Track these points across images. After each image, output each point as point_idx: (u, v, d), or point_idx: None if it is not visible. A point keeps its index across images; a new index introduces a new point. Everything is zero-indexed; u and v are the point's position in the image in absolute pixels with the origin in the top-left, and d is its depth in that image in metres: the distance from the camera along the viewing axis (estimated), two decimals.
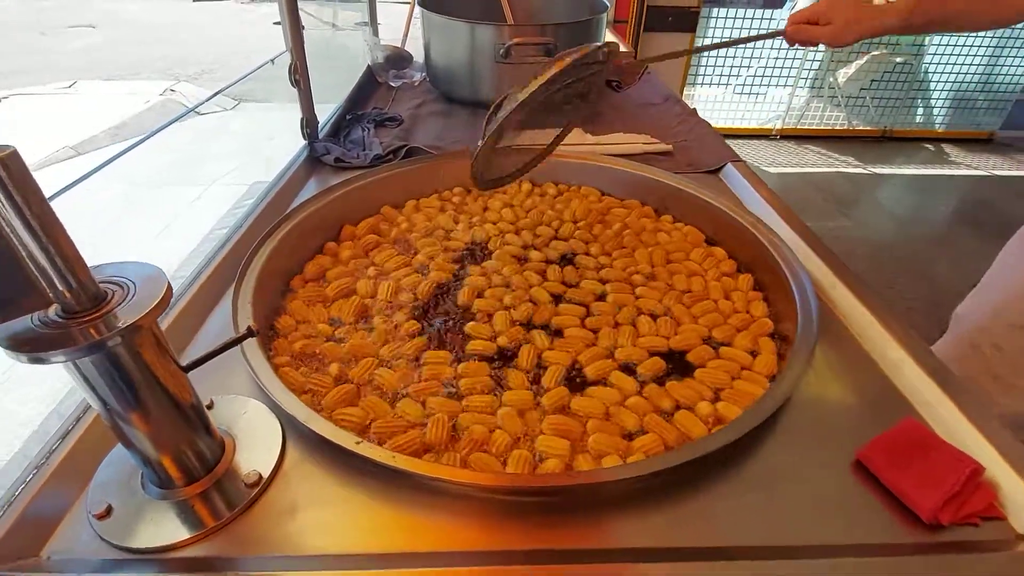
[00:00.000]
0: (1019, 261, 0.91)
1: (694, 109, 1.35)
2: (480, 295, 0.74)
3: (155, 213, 2.94)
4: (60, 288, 0.35)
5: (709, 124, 1.27)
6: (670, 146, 1.14)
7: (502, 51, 1.23)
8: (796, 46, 0.92)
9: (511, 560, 0.43)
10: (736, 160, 1.06)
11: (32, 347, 0.34)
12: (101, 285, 0.37)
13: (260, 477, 0.48)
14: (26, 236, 0.32)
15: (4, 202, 0.31)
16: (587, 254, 0.84)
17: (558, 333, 0.69)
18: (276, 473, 0.49)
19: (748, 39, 0.93)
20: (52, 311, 0.36)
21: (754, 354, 0.65)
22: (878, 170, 3.33)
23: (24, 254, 0.33)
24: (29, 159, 0.30)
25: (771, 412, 0.52)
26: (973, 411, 0.53)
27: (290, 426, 0.53)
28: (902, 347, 0.60)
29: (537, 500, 0.48)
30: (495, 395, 0.59)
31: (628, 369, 0.64)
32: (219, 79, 5.22)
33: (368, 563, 0.42)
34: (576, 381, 0.62)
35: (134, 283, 0.38)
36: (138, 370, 0.39)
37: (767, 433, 0.54)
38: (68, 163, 3.31)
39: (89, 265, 0.36)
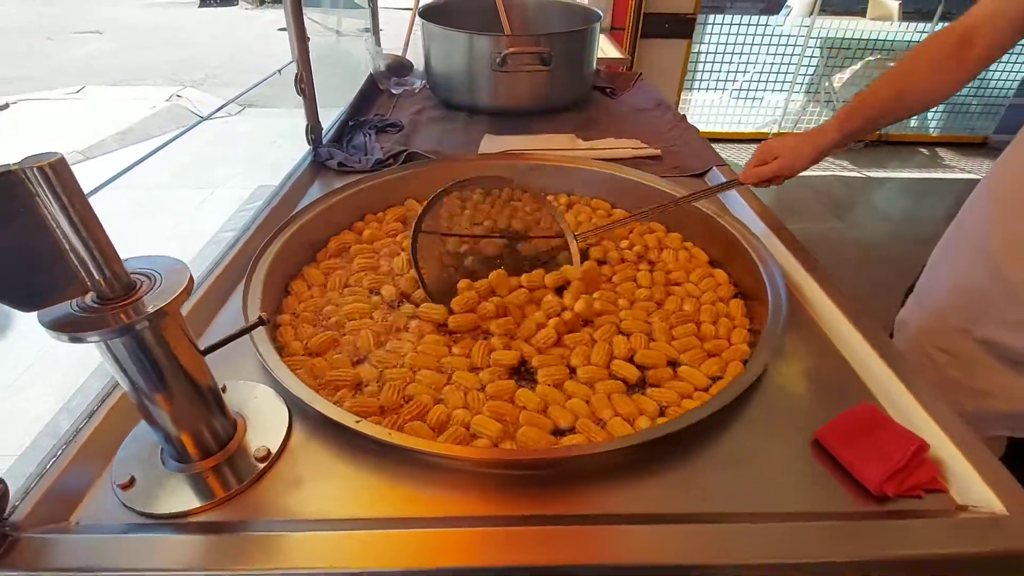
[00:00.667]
0: (950, 266, 0.91)
1: (683, 115, 1.39)
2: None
3: (163, 215, 3.00)
4: (97, 278, 0.40)
5: (697, 129, 1.32)
6: (658, 150, 1.19)
7: (498, 60, 1.29)
8: (754, 185, 0.93)
9: (499, 523, 0.48)
10: (721, 164, 1.11)
11: (72, 328, 0.39)
12: (132, 275, 0.42)
13: (268, 452, 0.52)
14: (70, 232, 0.37)
15: (52, 202, 0.36)
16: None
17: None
18: (283, 450, 0.54)
19: (708, 191, 0.92)
20: (88, 298, 0.41)
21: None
22: (873, 174, 3.38)
23: (67, 247, 0.38)
24: None
25: (736, 395, 0.56)
26: (923, 395, 0.57)
27: (296, 408, 0.57)
28: (864, 338, 0.65)
29: (525, 473, 0.53)
30: (444, 372, 0.65)
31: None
32: (224, 84, 5.30)
33: (365, 526, 0.47)
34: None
35: (160, 274, 0.43)
36: (162, 352, 0.44)
37: (738, 415, 0.59)
38: (77, 167, 3.36)
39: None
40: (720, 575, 0.46)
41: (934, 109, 3.66)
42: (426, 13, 1.45)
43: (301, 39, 1.02)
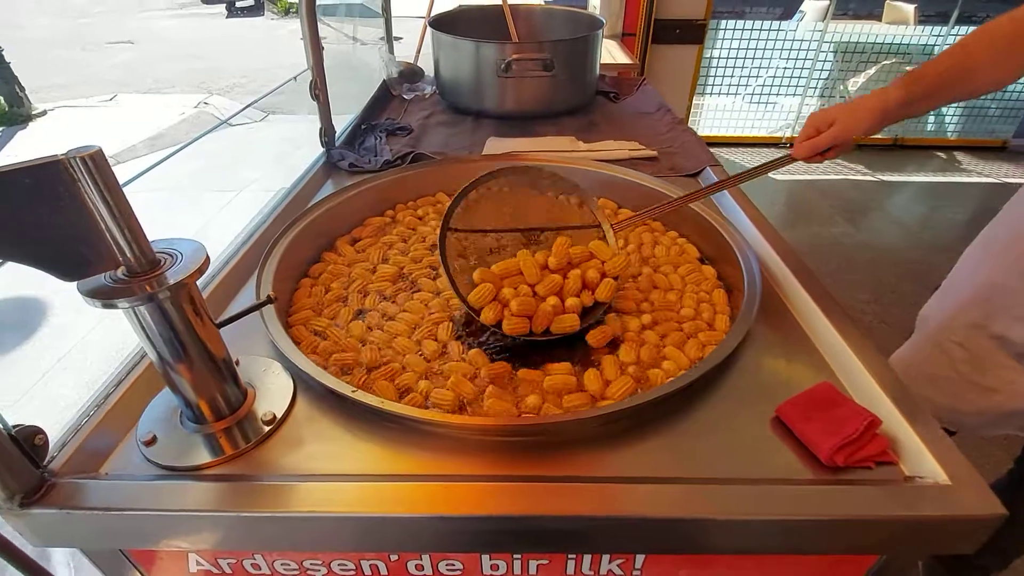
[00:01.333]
0: (979, 264, 0.93)
1: (682, 118, 1.44)
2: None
3: (190, 216, 3.13)
4: (127, 254, 0.46)
5: (695, 132, 1.36)
6: (655, 152, 1.23)
7: (503, 66, 1.35)
8: (808, 160, 0.86)
9: (486, 480, 0.53)
10: (715, 164, 1.15)
11: (104, 296, 0.45)
12: (157, 254, 0.48)
13: (274, 416, 0.58)
14: (106, 213, 0.44)
15: (92, 188, 0.42)
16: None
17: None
18: (287, 416, 0.60)
19: (762, 170, 0.85)
20: (120, 271, 0.47)
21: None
22: (888, 178, 3.35)
23: (103, 227, 0.44)
24: None
25: (704, 371, 0.61)
26: (883, 377, 0.61)
27: (300, 380, 0.64)
28: (831, 323, 0.69)
29: (510, 440, 0.58)
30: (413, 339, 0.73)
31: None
32: (250, 92, 5.49)
33: (359, 479, 0.53)
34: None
35: (182, 254, 0.49)
36: (181, 321, 0.50)
37: (711, 390, 0.64)
38: None
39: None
40: (696, 528, 0.50)
41: (951, 111, 3.63)
42: (436, 23, 1.52)
43: (315, 48, 1.09)
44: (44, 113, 4.71)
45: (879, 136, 3.71)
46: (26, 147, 4.06)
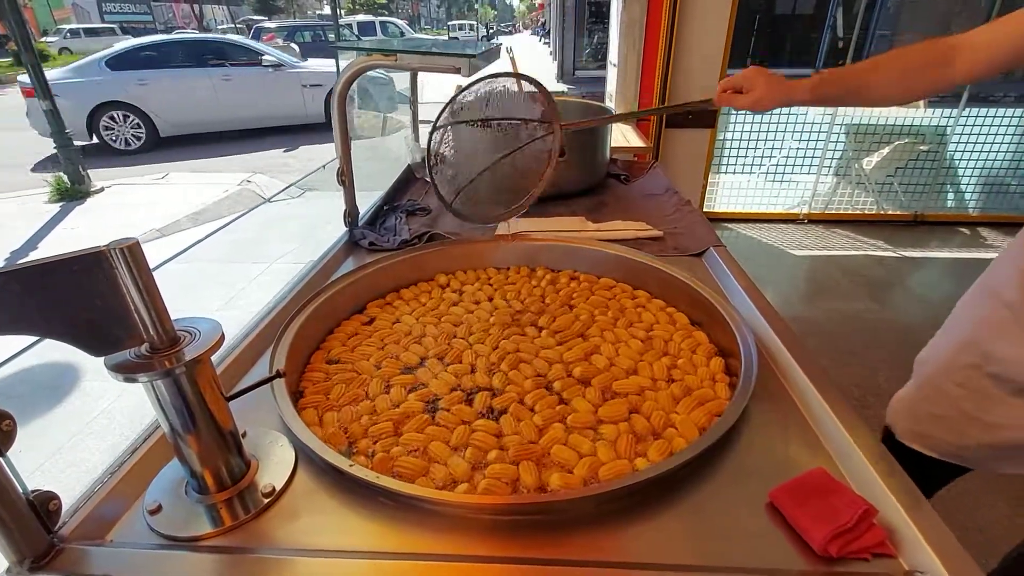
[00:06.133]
0: (972, 310, 0.96)
1: (688, 200, 1.49)
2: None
3: (223, 285, 3.29)
4: (152, 332, 0.51)
5: (701, 213, 1.41)
6: (661, 232, 1.28)
7: None
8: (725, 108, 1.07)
9: (480, 560, 0.53)
10: (718, 245, 1.19)
11: (127, 371, 0.50)
12: (178, 331, 0.53)
13: (273, 489, 0.61)
14: (136, 297, 0.49)
15: (127, 275, 0.48)
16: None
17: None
18: (287, 488, 0.62)
19: (678, 107, 1.10)
20: (143, 347, 0.52)
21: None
22: (910, 254, 3.33)
23: (133, 308, 0.50)
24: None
25: (699, 451, 0.61)
26: (880, 463, 0.60)
27: (301, 453, 0.66)
28: (827, 405, 0.69)
29: (505, 519, 0.59)
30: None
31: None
32: (292, 171, 5.88)
33: (352, 555, 0.54)
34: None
35: (199, 331, 0.54)
36: (193, 394, 0.54)
37: (705, 471, 0.63)
38: (153, 243, 3.79)
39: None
40: None
41: (970, 189, 3.64)
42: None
43: (344, 140, 1.20)
44: (102, 190, 5.12)
45: (897, 212, 3.72)
46: (82, 221, 4.39)
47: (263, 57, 7.26)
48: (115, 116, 6.56)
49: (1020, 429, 0.88)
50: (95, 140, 6.62)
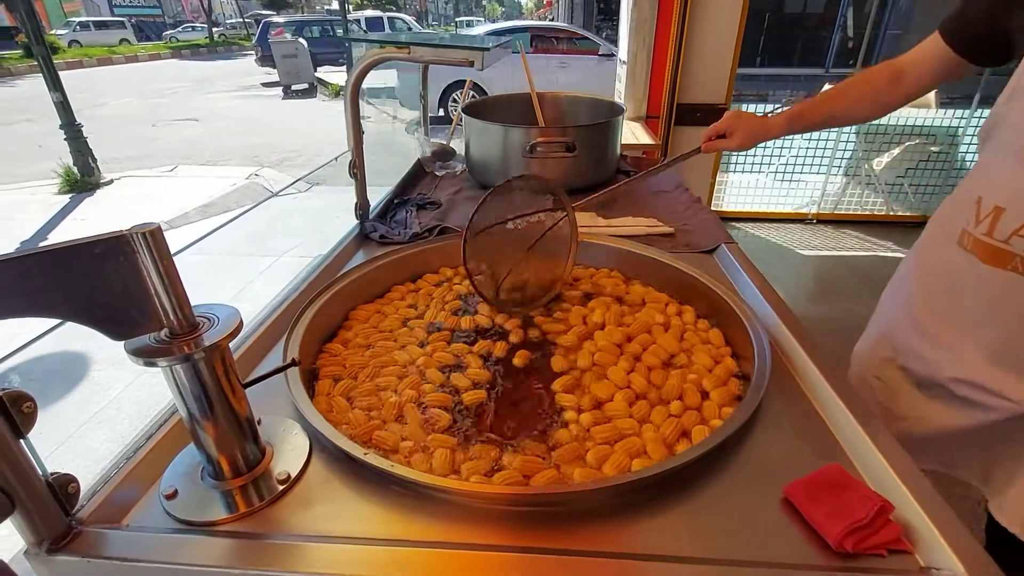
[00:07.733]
0: (889, 306, 1.04)
1: (699, 197, 1.49)
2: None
3: (232, 278, 3.30)
4: (172, 317, 0.51)
5: (711, 210, 1.40)
6: (672, 229, 1.28)
7: (529, 147, 1.44)
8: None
9: (495, 549, 0.53)
10: (730, 242, 1.18)
11: (147, 355, 0.50)
12: (197, 317, 0.53)
13: (288, 476, 0.61)
14: (157, 281, 0.49)
15: (148, 259, 0.48)
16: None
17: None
18: (301, 475, 0.62)
19: (669, 163, 1.22)
20: (163, 332, 0.52)
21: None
22: None
23: (154, 292, 0.50)
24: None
25: (699, 454, 0.61)
26: (896, 460, 0.60)
27: (315, 440, 0.66)
28: (841, 401, 0.68)
29: (522, 509, 0.59)
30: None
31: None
32: (299, 165, 5.90)
33: (365, 542, 0.54)
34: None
35: (218, 317, 0.55)
36: (211, 379, 0.54)
37: (718, 467, 0.63)
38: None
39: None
40: None
41: None
42: (469, 109, 1.65)
43: (356, 133, 1.20)
44: (111, 182, 5.15)
45: (907, 213, 3.70)
46: (91, 212, 4.42)
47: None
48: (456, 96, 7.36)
49: (919, 421, 0.92)
50: (440, 113, 7.30)
